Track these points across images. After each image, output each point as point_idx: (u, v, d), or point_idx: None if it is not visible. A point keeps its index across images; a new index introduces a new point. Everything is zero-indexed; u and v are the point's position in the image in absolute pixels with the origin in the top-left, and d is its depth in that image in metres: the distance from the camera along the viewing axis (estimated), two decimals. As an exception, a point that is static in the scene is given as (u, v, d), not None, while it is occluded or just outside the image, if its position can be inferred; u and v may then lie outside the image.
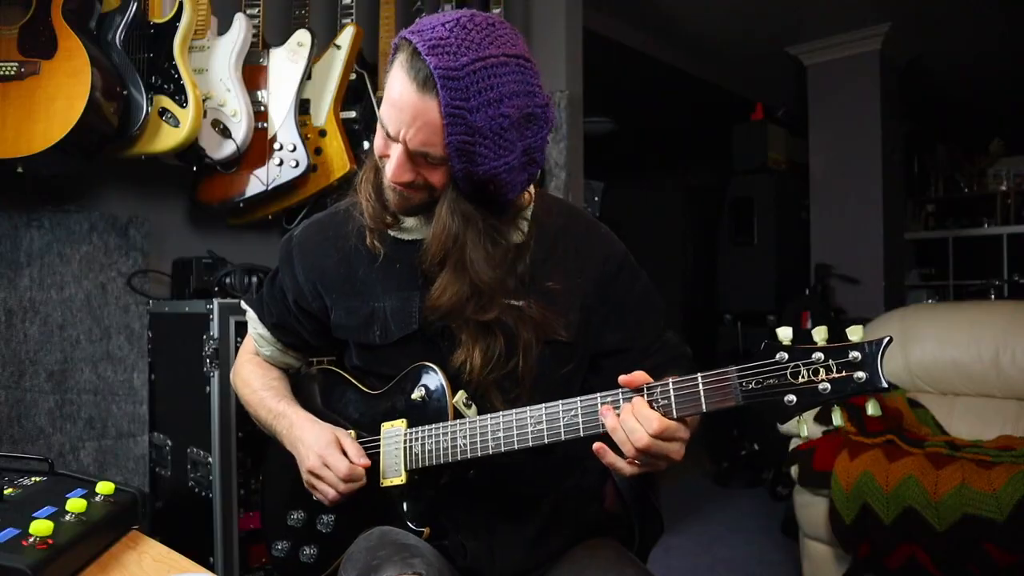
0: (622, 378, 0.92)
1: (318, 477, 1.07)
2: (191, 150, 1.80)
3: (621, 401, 0.92)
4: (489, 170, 0.94)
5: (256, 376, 1.24)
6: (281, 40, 2.02)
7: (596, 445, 0.93)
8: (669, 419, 0.89)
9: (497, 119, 0.91)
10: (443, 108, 0.90)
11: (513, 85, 0.92)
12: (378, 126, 1.00)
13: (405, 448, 1.07)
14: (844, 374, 0.82)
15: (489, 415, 1.01)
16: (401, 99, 0.93)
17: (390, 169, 0.98)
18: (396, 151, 0.96)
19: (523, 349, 1.04)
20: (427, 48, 0.89)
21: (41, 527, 0.83)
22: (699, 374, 0.89)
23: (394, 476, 1.07)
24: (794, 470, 2.28)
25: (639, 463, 0.90)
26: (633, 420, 0.89)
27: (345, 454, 1.07)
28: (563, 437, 0.95)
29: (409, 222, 1.10)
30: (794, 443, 2.38)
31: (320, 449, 1.07)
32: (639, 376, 0.91)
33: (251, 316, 1.26)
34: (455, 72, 0.89)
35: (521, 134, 0.95)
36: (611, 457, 0.92)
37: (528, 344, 1.04)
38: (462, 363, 1.04)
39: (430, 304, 1.03)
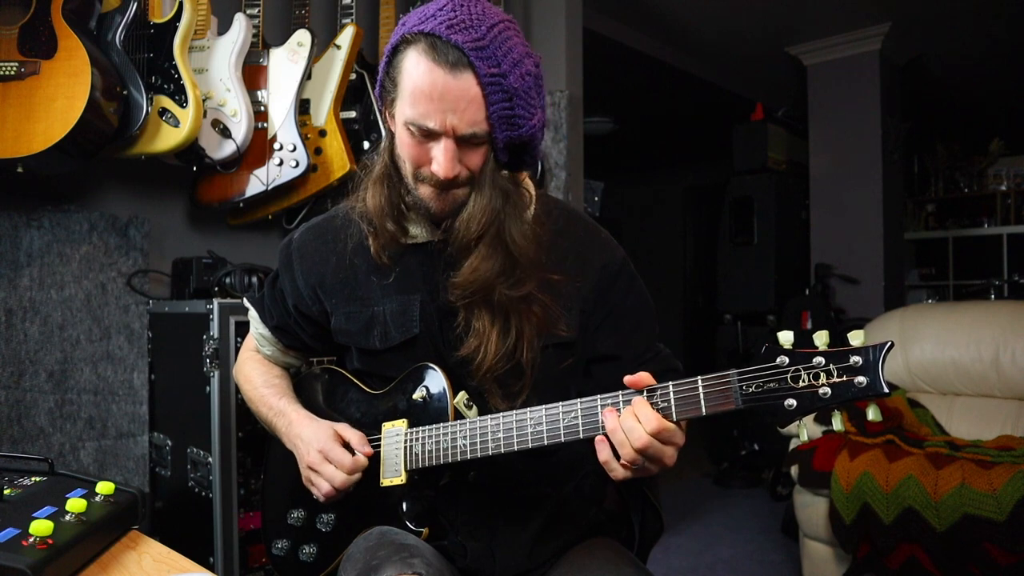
0: (627, 378, 0.91)
1: (317, 472, 1.07)
2: (191, 150, 1.80)
3: (621, 403, 0.92)
4: (527, 132, 0.96)
5: (258, 373, 1.25)
6: (281, 40, 2.02)
7: (598, 438, 0.92)
8: (669, 421, 0.89)
9: (525, 78, 0.94)
10: (481, 79, 0.91)
11: (521, 47, 0.95)
12: (406, 135, 0.97)
13: (405, 448, 1.07)
14: (845, 379, 0.81)
15: (489, 416, 1.01)
16: (436, 88, 0.91)
17: (443, 166, 0.95)
18: (443, 145, 0.95)
19: (527, 341, 1.03)
20: (445, 30, 0.90)
21: (41, 527, 0.83)
22: (699, 377, 0.89)
23: (394, 476, 1.07)
24: (794, 470, 2.28)
25: (634, 466, 0.90)
26: (632, 419, 0.89)
27: (347, 446, 1.07)
28: (563, 439, 0.95)
29: (413, 228, 1.10)
30: (794, 443, 2.39)
31: (320, 444, 1.07)
32: (644, 377, 0.91)
33: (253, 315, 1.27)
34: (481, 42, 0.90)
35: (539, 92, 0.98)
36: (607, 454, 0.91)
37: (532, 338, 1.03)
38: (475, 350, 1.02)
39: (459, 281, 1.00)
